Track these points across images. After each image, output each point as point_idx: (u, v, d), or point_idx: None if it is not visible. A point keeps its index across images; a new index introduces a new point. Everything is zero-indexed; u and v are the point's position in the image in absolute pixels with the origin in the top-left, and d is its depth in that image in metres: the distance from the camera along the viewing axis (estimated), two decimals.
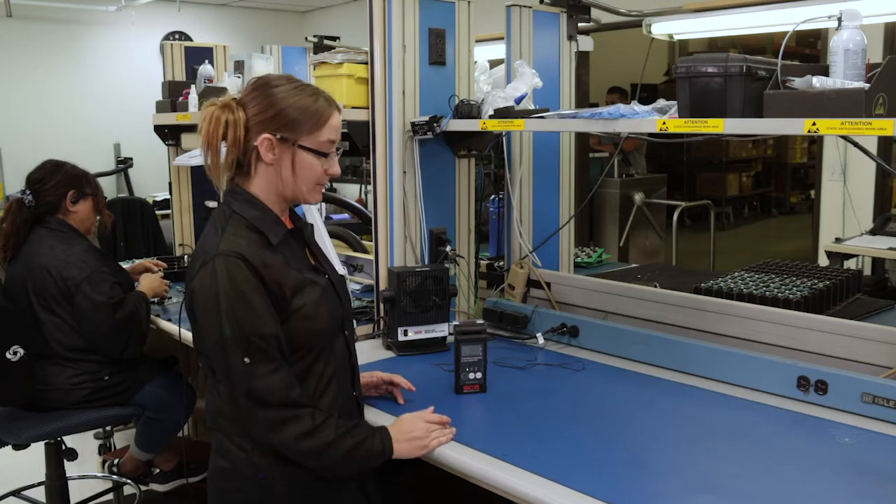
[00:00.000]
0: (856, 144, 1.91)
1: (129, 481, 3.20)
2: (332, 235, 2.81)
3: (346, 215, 4.92)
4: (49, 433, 2.71)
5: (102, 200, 2.95)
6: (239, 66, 3.36)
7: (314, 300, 1.64)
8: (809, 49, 6.73)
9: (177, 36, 7.61)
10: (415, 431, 1.69)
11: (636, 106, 1.95)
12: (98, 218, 2.96)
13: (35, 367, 2.68)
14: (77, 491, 3.13)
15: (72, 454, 2.88)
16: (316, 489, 1.66)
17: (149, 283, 3.02)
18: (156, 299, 3.05)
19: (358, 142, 2.57)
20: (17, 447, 2.77)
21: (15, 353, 2.59)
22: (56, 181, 2.85)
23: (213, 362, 1.60)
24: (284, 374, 1.59)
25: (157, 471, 3.17)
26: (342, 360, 1.75)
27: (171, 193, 4.15)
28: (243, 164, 1.65)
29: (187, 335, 2.32)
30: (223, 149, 1.62)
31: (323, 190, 1.74)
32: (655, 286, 2.59)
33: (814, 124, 1.58)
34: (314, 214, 2.73)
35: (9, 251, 2.82)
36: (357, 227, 3.86)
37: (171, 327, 2.80)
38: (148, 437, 3.02)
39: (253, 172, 1.66)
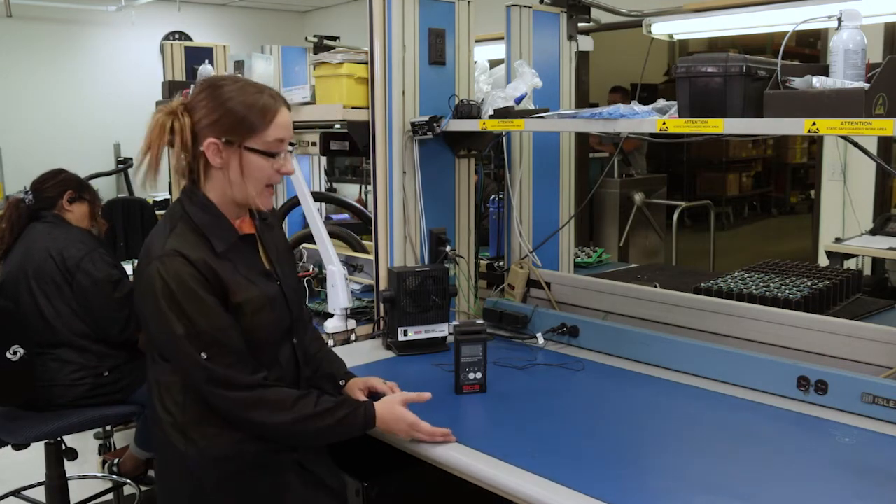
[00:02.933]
0: (856, 144, 1.91)
1: (128, 481, 3.20)
2: (332, 235, 2.80)
3: (346, 215, 4.92)
4: (49, 433, 2.71)
5: (98, 208, 3.03)
6: (239, 66, 3.36)
7: (256, 308, 1.63)
8: (809, 49, 6.72)
9: (177, 36, 7.60)
10: (397, 431, 1.71)
11: (636, 106, 1.95)
12: (94, 227, 3.01)
13: (36, 364, 2.69)
14: (77, 491, 3.13)
15: (72, 454, 2.88)
16: (247, 482, 1.64)
17: None
18: None
19: (358, 142, 2.57)
20: (16, 447, 2.77)
21: (15, 353, 2.60)
22: (57, 180, 2.95)
23: (166, 354, 1.61)
24: (246, 363, 1.59)
25: None
26: (288, 370, 1.73)
27: (171, 193, 4.16)
28: (195, 169, 1.64)
29: None
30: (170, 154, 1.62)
31: (272, 192, 1.71)
32: (655, 286, 2.59)
33: (814, 124, 1.58)
34: (313, 214, 2.73)
35: (4, 244, 2.86)
36: (357, 227, 3.85)
37: None
38: (148, 436, 3.02)
39: (204, 177, 1.64)
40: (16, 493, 3.23)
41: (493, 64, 2.86)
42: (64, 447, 2.87)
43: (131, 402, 2.88)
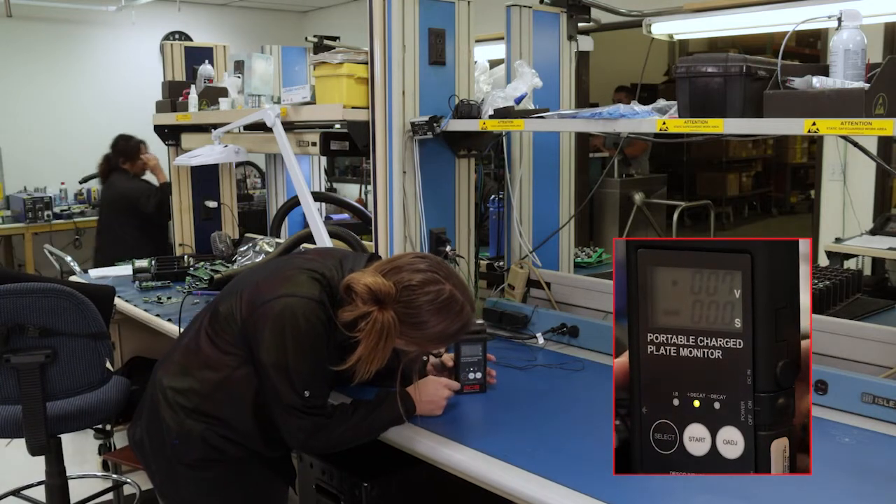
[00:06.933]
0: (856, 144, 1.91)
1: (129, 480, 3.20)
2: (332, 235, 2.80)
3: (346, 215, 4.92)
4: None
5: None
6: (239, 66, 3.35)
7: None
8: (809, 49, 6.72)
9: (177, 36, 7.60)
10: (437, 400, 1.86)
11: (636, 106, 1.95)
12: None
13: None
14: (77, 491, 3.13)
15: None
16: (221, 469, 1.78)
17: None
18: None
19: (358, 142, 2.57)
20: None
21: None
22: None
23: (261, 371, 1.70)
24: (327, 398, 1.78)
25: None
26: None
27: (171, 193, 4.15)
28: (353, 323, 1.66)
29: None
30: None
31: None
32: None
33: (814, 124, 1.58)
34: (313, 214, 2.73)
35: None
36: (357, 227, 3.85)
37: (171, 328, 2.79)
38: None
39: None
40: (16, 492, 3.23)
41: (493, 64, 2.86)
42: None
43: None
